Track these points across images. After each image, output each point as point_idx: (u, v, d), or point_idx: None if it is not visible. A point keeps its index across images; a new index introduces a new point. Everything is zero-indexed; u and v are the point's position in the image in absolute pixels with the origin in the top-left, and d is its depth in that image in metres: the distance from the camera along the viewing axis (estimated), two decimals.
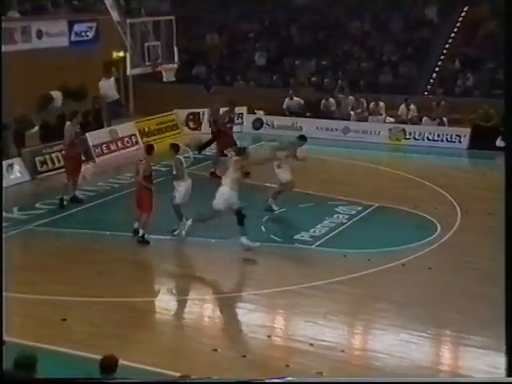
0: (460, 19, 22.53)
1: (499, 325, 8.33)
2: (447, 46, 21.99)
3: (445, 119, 19.48)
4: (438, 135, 19.04)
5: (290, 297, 9.57)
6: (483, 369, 7.54)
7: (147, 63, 16.61)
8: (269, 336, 8.47)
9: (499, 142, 18.33)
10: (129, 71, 17.55)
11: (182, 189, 11.46)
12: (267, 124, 20.63)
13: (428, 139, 19.10)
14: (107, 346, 7.97)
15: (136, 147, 18.50)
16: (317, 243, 11.40)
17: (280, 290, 9.67)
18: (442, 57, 21.74)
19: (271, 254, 11.05)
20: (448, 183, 14.63)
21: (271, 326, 8.96)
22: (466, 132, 18.77)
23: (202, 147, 17.14)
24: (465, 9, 22.59)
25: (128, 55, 16.89)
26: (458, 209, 13.00)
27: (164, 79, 17.25)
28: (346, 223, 12.35)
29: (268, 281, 10.04)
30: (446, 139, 18.93)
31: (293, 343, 8.32)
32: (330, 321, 8.83)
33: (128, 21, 16.49)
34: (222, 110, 16.52)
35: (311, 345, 8.12)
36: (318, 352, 7.99)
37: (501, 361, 7.68)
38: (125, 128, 18.66)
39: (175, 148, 11.84)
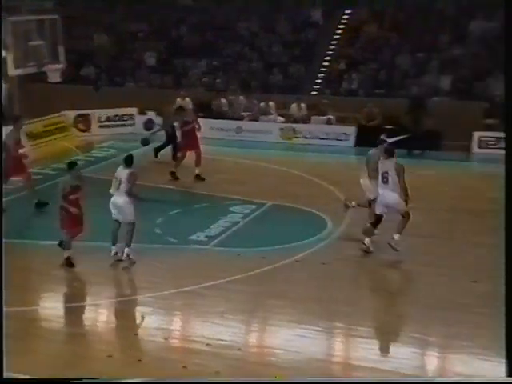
0: (343, 21, 23.37)
1: (385, 315, 8.75)
2: (332, 47, 22.73)
3: (332, 118, 20.13)
4: (327, 133, 19.64)
5: (187, 298, 9.55)
6: (372, 358, 7.84)
7: (31, 63, 16.03)
8: (165, 338, 8.41)
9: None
10: (10, 71, 16.85)
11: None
12: (159, 125, 20.43)
13: (317, 137, 19.66)
14: None
15: (22, 150, 17.78)
16: (212, 243, 11.44)
17: (176, 292, 9.64)
18: (328, 58, 22.44)
19: (167, 255, 10.98)
20: (337, 180, 15.10)
21: (168, 328, 8.90)
22: (352, 130, 19.48)
23: (157, 150, 17.02)
24: (347, 12, 23.45)
25: (9, 55, 16.22)
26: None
27: (49, 80, 16.72)
28: (240, 222, 12.48)
29: (164, 283, 9.96)
30: (334, 137, 19.57)
31: (190, 344, 8.32)
32: (226, 320, 8.89)
33: (9, 19, 15.85)
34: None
35: (208, 345, 8.15)
36: (215, 351, 8.03)
37: (388, 349, 8.06)
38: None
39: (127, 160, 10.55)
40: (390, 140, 18.21)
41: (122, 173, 10.49)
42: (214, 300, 9.42)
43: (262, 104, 20.42)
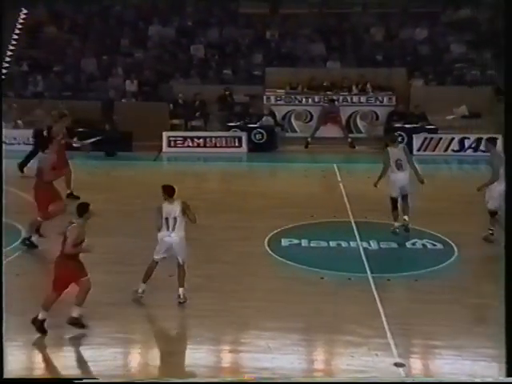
0: (21, 21, 22.54)
1: (116, 313, 8.69)
2: (12, 47, 21.80)
3: (20, 122, 19.47)
4: (15, 138, 18.99)
5: None
6: (71, 365, 7.87)
7: None
8: None
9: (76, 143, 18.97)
10: None
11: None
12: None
13: (4, 143, 18.76)
14: None
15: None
16: None
17: None
18: (9, 59, 21.46)
19: None
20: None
21: None
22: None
23: (23, 163, 15.61)
24: (24, 12, 22.68)
25: None
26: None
27: None
28: None
29: None
30: (23, 142, 18.96)
31: None
32: None
33: None
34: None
35: None
36: None
37: (94, 354, 8.00)
38: None
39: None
40: (87, 142, 18.11)
41: (173, 208, 9.15)
42: None
43: None
